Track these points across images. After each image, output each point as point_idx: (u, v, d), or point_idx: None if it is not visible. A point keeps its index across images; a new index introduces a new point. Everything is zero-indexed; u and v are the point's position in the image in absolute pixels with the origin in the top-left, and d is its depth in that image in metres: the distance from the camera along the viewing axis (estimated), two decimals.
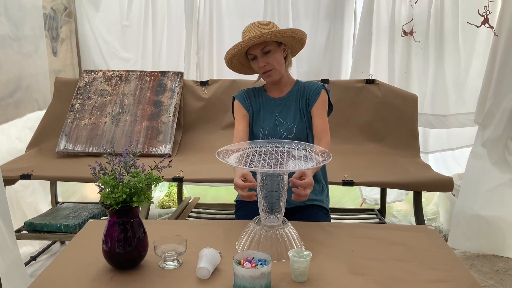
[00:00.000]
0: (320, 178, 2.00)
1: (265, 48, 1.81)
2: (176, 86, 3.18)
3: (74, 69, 3.60)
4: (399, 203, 3.68)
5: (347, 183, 2.47)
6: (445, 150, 3.56)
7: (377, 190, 3.34)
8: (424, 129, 3.45)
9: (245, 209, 1.96)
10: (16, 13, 2.85)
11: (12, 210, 2.82)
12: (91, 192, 3.64)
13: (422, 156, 3.06)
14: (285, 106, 1.95)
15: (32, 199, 3.05)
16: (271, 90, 1.99)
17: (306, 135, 1.93)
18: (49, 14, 3.28)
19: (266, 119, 1.94)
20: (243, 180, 1.55)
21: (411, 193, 2.79)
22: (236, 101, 1.99)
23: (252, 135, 1.95)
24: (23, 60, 2.98)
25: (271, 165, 1.42)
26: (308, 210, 1.92)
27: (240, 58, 1.91)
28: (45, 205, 3.10)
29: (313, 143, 1.95)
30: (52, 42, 3.34)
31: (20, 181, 2.70)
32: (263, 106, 1.97)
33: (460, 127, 3.38)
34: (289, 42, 1.88)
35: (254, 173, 1.93)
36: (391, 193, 3.45)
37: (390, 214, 3.59)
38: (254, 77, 2.07)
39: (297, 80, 2.00)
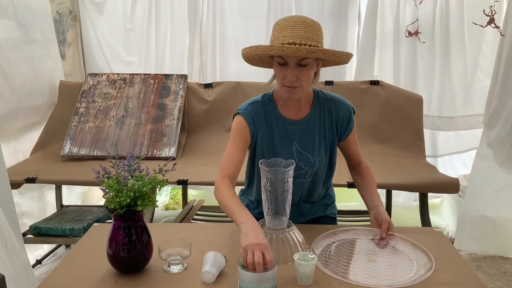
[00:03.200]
0: (327, 190, 1.83)
1: (304, 60, 1.44)
2: (180, 89, 3.18)
3: (81, 72, 3.61)
4: None
5: (352, 185, 2.45)
6: (455, 153, 3.52)
7: (382, 193, 3.31)
8: (432, 132, 3.42)
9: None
10: (25, 17, 2.87)
11: (29, 211, 2.85)
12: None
13: (431, 160, 3.03)
14: (305, 133, 1.59)
15: (51, 200, 3.08)
16: (285, 107, 1.60)
17: (325, 170, 1.66)
18: (55, 18, 3.29)
19: (281, 149, 1.59)
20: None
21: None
22: (241, 119, 1.56)
23: None
24: (37, 64, 3.00)
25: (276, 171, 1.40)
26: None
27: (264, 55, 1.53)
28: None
29: (331, 178, 1.79)
30: (60, 45, 3.35)
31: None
32: (277, 130, 1.59)
33: (467, 129, 3.35)
34: (330, 61, 1.55)
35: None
36: (398, 200, 3.41)
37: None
38: (259, 79, 1.98)
39: (316, 93, 1.63)
